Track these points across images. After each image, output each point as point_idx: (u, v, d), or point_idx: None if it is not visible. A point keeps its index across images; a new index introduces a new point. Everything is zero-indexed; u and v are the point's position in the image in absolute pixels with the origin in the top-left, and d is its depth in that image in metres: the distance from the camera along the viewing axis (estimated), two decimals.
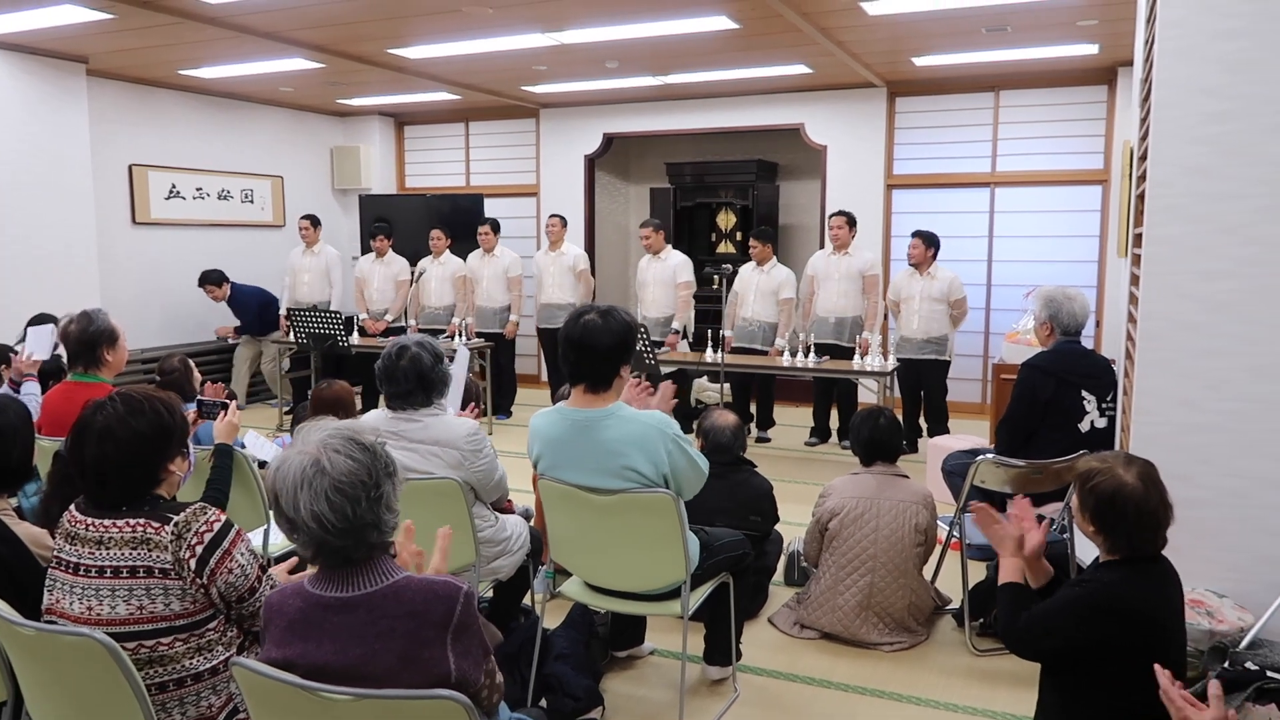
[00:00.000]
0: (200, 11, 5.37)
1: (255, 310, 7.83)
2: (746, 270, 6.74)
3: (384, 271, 7.72)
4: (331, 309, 7.44)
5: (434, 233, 7.57)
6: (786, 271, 6.77)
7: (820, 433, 6.84)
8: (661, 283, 6.83)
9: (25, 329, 4.48)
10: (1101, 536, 2.12)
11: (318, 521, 1.60)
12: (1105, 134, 7.28)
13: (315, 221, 7.89)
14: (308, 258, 7.87)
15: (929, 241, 6.28)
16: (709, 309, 7.90)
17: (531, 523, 3.51)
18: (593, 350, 2.60)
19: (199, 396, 3.70)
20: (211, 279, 7.64)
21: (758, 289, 6.66)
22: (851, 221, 6.50)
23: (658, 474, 2.63)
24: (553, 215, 7.47)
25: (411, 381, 2.91)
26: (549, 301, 7.36)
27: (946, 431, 6.17)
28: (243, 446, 3.18)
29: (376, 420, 2.99)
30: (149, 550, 1.89)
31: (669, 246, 6.97)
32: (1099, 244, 7.38)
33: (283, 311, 7.82)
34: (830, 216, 6.65)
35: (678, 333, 6.76)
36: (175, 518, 1.91)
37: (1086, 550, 3.24)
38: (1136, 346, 3.03)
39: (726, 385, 6.55)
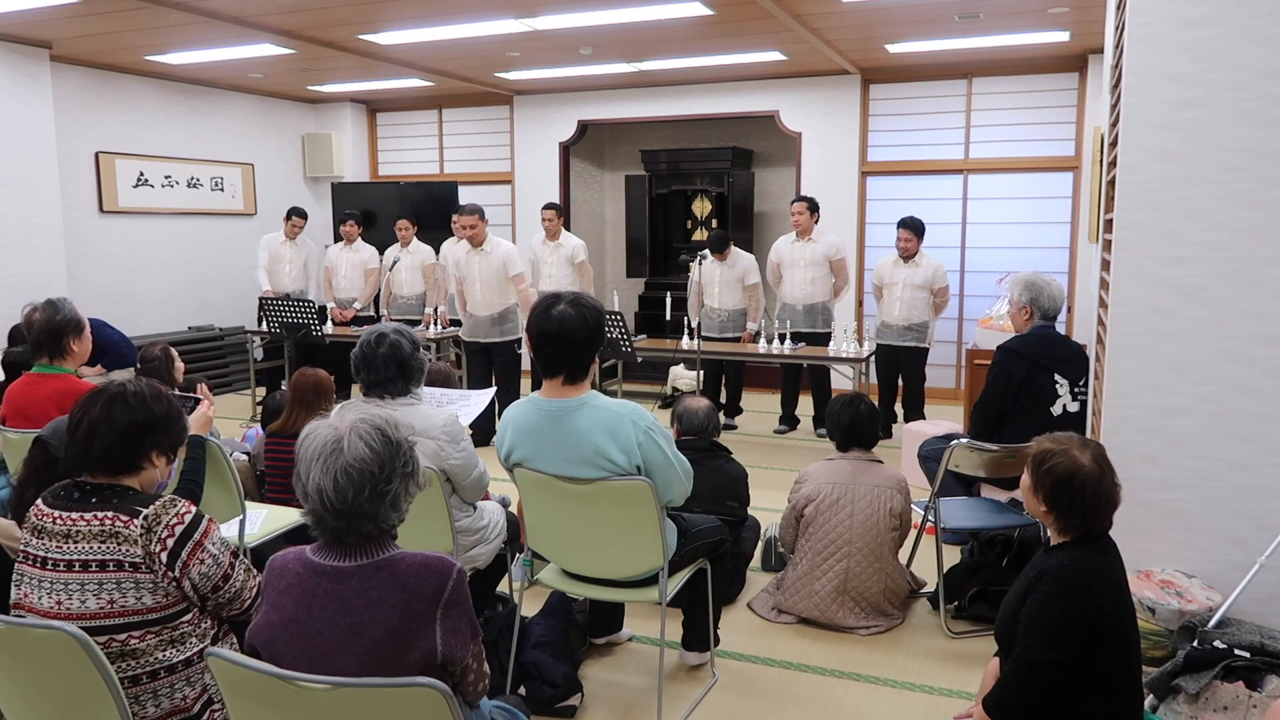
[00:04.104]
0: None
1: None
2: (707, 262, 6.71)
3: (351, 259, 7.64)
4: (308, 298, 7.36)
5: (400, 222, 7.48)
6: (748, 258, 6.76)
7: (789, 420, 6.86)
8: (727, 283, 6.73)
9: None
10: (1054, 516, 2.15)
11: (320, 495, 1.63)
12: (1076, 121, 7.34)
13: (305, 215, 7.74)
14: (288, 247, 7.73)
15: (919, 231, 6.22)
16: (685, 296, 7.89)
17: (510, 509, 3.50)
18: (571, 342, 2.58)
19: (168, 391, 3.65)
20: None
21: (721, 279, 6.67)
22: (813, 207, 6.46)
23: (630, 463, 2.63)
24: (548, 206, 7.30)
25: (391, 369, 2.88)
26: (547, 291, 7.17)
27: (923, 417, 6.21)
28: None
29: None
30: (118, 544, 1.86)
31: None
32: (1070, 230, 7.45)
33: (265, 289, 7.58)
34: (791, 203, 6.63)
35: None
36: (144, 511, 1.89)
37: None
38: (1108, 331, 3.06)
39: (701, 373, 6.58)
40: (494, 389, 4.17)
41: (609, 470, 2.62)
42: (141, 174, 7.90)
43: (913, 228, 6.23)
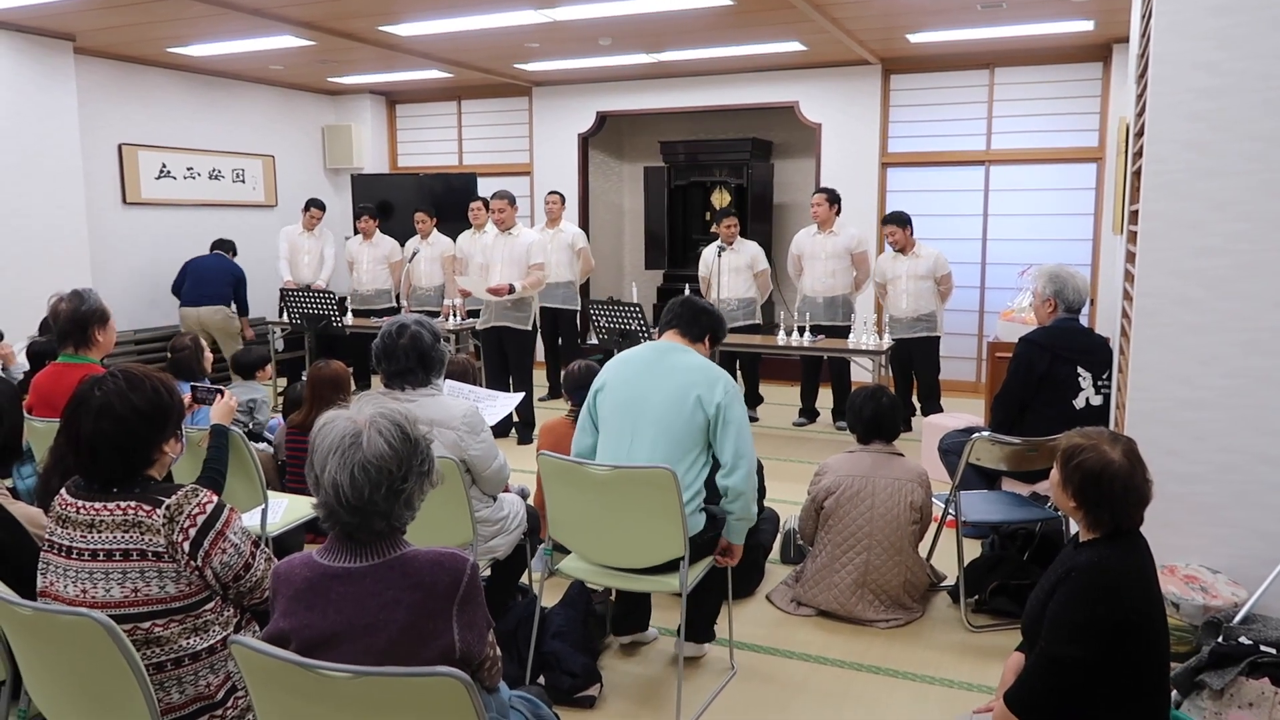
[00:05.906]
0: None
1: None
2: (710, 254, 6.68)
3: (373, 253, 7.68)
4: (326, 289, 7.40)
5: (418, 215, 7.47)
6: (754, 245, 6.73)
7: (808, 413, 6.84)
8: (736, 270, 6.71)
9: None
10: (1083, 512, 2.12)
11: (335, 489, 1.61)
12: (1100, 111, 7.26)
13: (323, 206, 7.86)
14: (306, 238, 7.81)
15: (902, 223, 6.21)
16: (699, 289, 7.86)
17: (529, 500, 3.51)
18: (693, 308, 3.09)
19: (193, 383, 3.69)
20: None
21: (728, 268, 6.64)
22: (833, 199, 6.43)
23: (710, 405, 2.82)
24: (552, 192, 7.32)
25: (412, 359, 2.90)
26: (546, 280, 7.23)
27: (939, 409, 6.18)
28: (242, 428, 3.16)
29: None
30: (141, 533, 1.88)
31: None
32: (1093, 222, 7.37)
33: (286, 279, 7.67)
34: (812, 194, 6.60)
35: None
36: (167, 500, 1.90)
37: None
38: (1133, 323, 3.03)
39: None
40: (522, 394, 4.19)
41: (689, 403, 2.82)
42: (164, 166, 7.95)
43: (897, 221, 6.21)
